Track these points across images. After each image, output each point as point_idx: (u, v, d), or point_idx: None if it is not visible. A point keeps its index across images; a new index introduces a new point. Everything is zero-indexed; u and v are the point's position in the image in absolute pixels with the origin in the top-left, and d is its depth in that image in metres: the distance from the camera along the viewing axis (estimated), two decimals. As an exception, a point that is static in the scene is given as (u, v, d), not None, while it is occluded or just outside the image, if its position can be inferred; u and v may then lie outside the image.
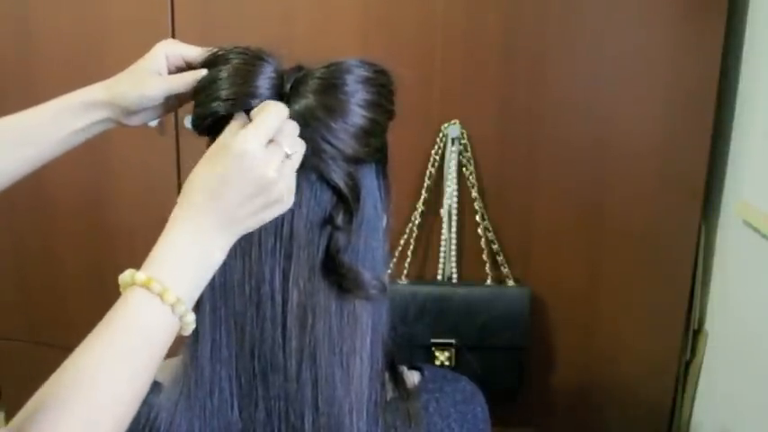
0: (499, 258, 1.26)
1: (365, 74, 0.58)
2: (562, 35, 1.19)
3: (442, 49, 1.22)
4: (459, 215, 1.26)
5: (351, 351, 0.58)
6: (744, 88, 1.17)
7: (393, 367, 0.63)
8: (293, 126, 0.55)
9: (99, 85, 0.67)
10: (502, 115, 1.23)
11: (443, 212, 1.26)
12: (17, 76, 1.41)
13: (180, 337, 0.57)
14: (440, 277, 1.29)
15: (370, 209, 0.60)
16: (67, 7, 1.35)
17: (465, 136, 1.23)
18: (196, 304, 0.53)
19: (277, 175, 0.53)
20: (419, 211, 1.26)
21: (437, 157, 1.24)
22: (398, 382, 0.62)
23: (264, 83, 0.57)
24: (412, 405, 0.61)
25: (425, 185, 1.25)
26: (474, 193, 1.24)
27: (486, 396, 0.68)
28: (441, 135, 1.24)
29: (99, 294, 1.46)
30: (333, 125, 0.56)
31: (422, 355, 1.25)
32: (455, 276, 1.28)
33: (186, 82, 0.61)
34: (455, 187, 1.25)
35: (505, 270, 1.26)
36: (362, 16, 1.23)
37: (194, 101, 0.59)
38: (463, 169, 1.24)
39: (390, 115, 0.61)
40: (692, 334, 1.27)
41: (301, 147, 0.55)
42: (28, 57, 1.40)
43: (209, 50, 0.61)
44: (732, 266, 1.18)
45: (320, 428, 0.57)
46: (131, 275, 0.49)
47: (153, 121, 0.69)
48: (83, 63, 1.36)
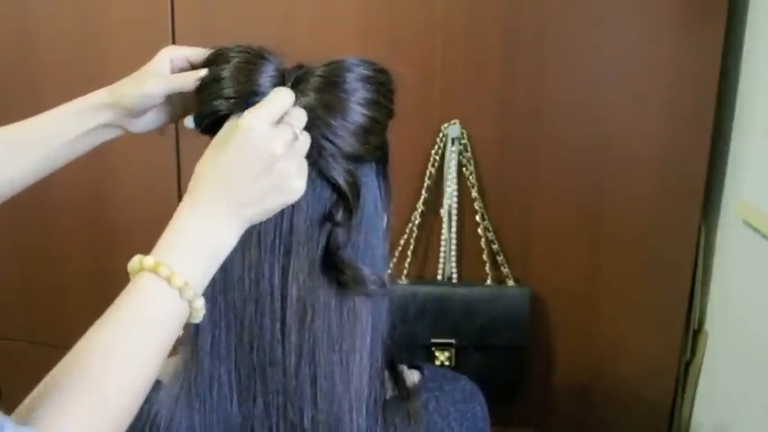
0: (499, 258, 1.26)
1: (365, 72, 0.58)
2: (562, 35, 1.19)
3: (442, 49, 1.22)
4: (459, 215, 1.26)
5: (350, 348, 0.58)
6: (744, 88, 1.17)
7: (393, 366, 0.63)
8: (302, 113, 0.55)
9: (102, 89, 0.67)
10: (502, 115, 1.23)
11: (443, 212, 1.26)
12: (17, 75, 1.41)
13: (179, 337, 0.57)
14: (440, 277, 1.29)
15: (371, 207, 0.60)
16: (67, 7, 1.35)
17: (465, 136, 1.23)
18: None
19: (284, 152, 0.53)
20: (419, 211, 1.26)
21: (437, 157, 1.25)
22: (398, 380, 0.63)
23: (266, 81, 0.57)
24: (412, 404, 0.61)
25: (425, 185, 1.25)
26: (474, 193, 1.25)
27: (486, 396, 0.68)
28: (441, 135, 1.24)
29: (100, 294, 1.46)
30: (333, 123, 0.56)
31: (422, 355, 1.25)
32: (455, 276, 1.28)
33: (187, 81, 0.61)
34: (455, 187, 1.25)
35: (505, 270, 1.26)
36: (362, 16, 1.23)
37: (197, 99, 0.60)
38: (463, 169, 1.25)
39: (390, 114, 0.61)
40: (691, 334, 1.27)
41: (307, 138, 0.55)
42: (28, 56, 1.40)
43: (216, 47, 0.61)
44: (732, 266, 1.18)
45: (319, 425, 0.57)
46: (140, 261, 0.50)
47: (157, 127, 0.69)
48: (83, 63, 1.36)
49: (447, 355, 1.25)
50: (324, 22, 1.25)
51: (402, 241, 1.27)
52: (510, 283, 1.26)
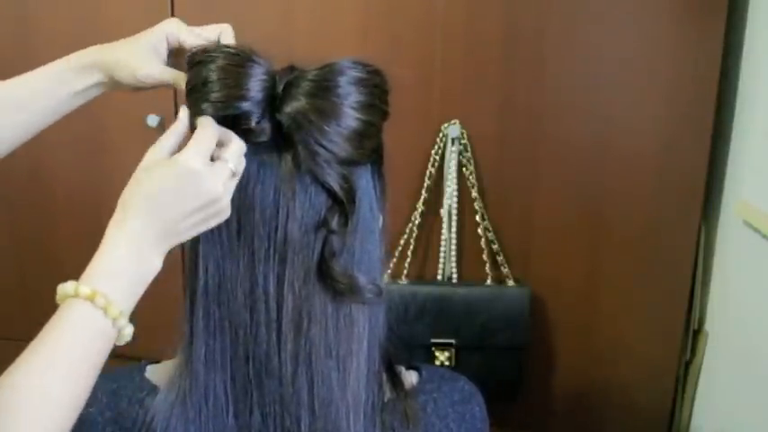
0: (499, 258, 1.26)
1: (358, 75, 0.57)
2: (562, 35, 1.19)
3: (442, 49, 1.22)
4: (459, 215, 1.26)
5: (347, 354, 0.58)
6: (744, 88, 1.16)
7: (391, 368, 0.63)
8: (240, 145, 0.55)
9: (94, 48, 0.69)
10: (502, 115, 1.23)
11: (443, 212, 1.26)
12: (17, 74, 1.41)
13: (174, 340, 0.57)
14: (440, 277, 1.29)
15: (366, 210, 0.59)
16: (67, 7, 1.35)
17: (465, 136, 1.23)
18: (189, 308, 0.53)
19: (223, 190, 0.53)
20: (419, 211, 1.26)
21: (437, 157, 1.24)
22: (396, 382, 0.62)
23: (255, 85, 0.56)
24: (410, 406, 0.60)
25: (425, 185, 1.25)
26: (474, 193, 1.24)
27: (486, 396, 0.67)
28: (441, 135, 1.24)
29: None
30: (326, 128, 0.55)
31: (422, 355, 1.25)
32: (455, 276, 1.28)
33: (177, 81, 0.61)
34: (455, 187, 1.25)
35: (505, 270, 1.26)
36: (362, 16, 1.23)
37: (187, 99, 0.59)
38: (463, 169, 1.24)
39: (385, 116, 0.60)
40: (691, 334, 1.27)
41: (242, 164, 0.56)
42: (28, 57, 1.39)
43: (201, 46, 0.60)
44: (732, 266, 1.18)
45: (317, 431, 0.57)
46: (74, 288, 0.50)
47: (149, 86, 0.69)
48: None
49: (447, 355, 1.25)
50: (324, 21, 1.25)
51: (402, 241, 1.27)
52: (510, 282, 1.26)
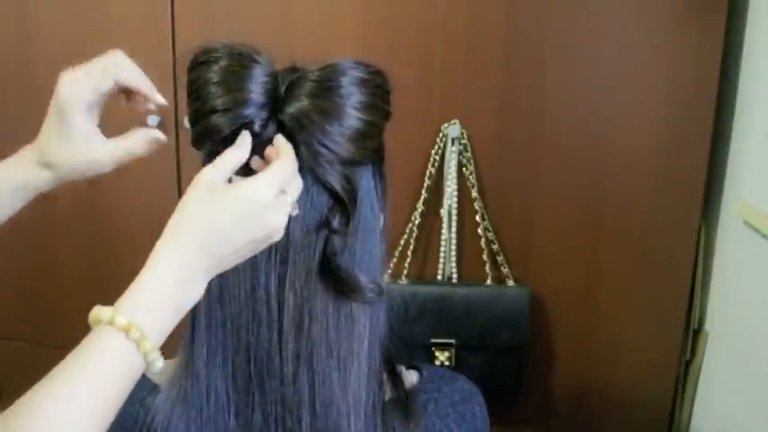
0: (499, 258, 1.26)
1: (360, 75, 0.57)
2: (562, 35, 1.19)
3: (442, 49, 1.22)
4: (459, 215, 1.26)
5: (348, 354, 0.58)
6: (744, 88, 1.16)
7: (391, 367, 0.63)
8: (300, 182, 0.55)
9: (28, 153, 0.64)
10: (502, 115, 1.23)
11: (443, 212, 1.26)
12: (17, 75, 1.41)
13: (175, 339, 0.57)
14: (440, 277, 1.29)
15: (367, 210, 0.59)
16: (67, 7, 1.35)
17: (465, 136, 1.23)
18: (192, 308, 0.53)
19: (282, 223, 0.53)
20: (419, 211, 1.26)
21: (437, 157, 1.24)
22: (397, 382, 0.62)
23: (257, 87, 0.55)
24: (410, 405, 0.60)
25: (425, 185, 1.25)
26: (474, 193, 1.24)
27: (486, 396, 0.68)
28: (441, 135, 1.24)
29: (99, 294, 1.45)
30: (328, 128, 0.55)
31: (422, 356, 1.25)
32: (455, 276, 1.28)
33: (138, 145, 0.59)
34: (455, 187, 1.25)
35: (505, 270, 1.26)
36: (362, 17, 1.23)
37: (188, 104, 0.58)
38: (463, 169, 1.24)
39: (387, 116, 0.60)
40: (691, 334, 1.27)
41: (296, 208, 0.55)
42: (28, 57, 1.40)
43: (202, 46, 0.58)
44: (732, 266, 1.18)
45: (317, 431, 0.57)
46: (111, 316, 0.47)
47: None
48: (83, 62, 1.35)
49: (447, 355, 1.25)
50: (324, 22, 1.25)
51: (402, 241, 1.27)
52: (510, 283, 1.26)
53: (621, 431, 1.32)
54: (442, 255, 1.28)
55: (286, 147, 0.55)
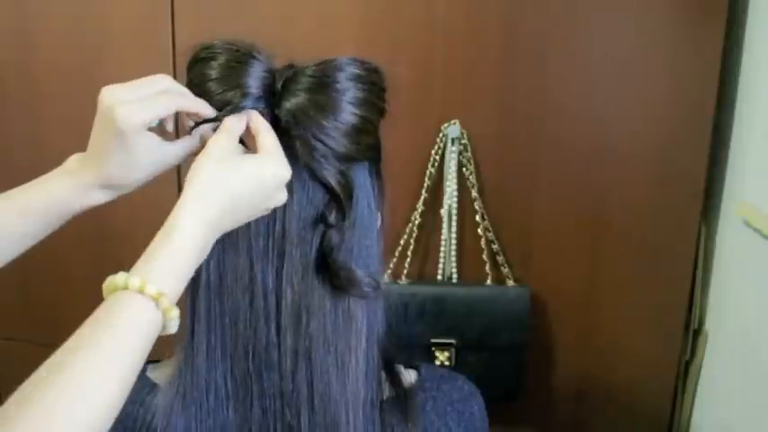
0: (499, 258, 1.26)
1: (357, 71, 0.58)
2: (562, 35, 1.19)
3: (442, 49, 1.22)
4: (459, 215, 1.26)
5: (346, 349, 0.58)
6: (744, 88, 1.16)
7: (390, 366, 0.63)
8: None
9: (81, 165, 0.64)
10: (502, 115, 1.23)
11: (443, 212, 1.26)
12: (17, 75, 1.41)
13: (175, 339, 0.57)
14: (440, 277, 1.29)
15: (364, 207, 0.60)
16: (67, 7, 1.35)
17: (465, 136, 1.23)
18: (191, 304, 0.53)
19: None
20: (419, 211, 1.26)
21: (437, 157, 1.24)
22: (395, 380, 0.62)
23: (255, 82, 0.56)
24: (409, 404, 0.61)
25: (425, 185, 1.25)
26: (474, 193, 1.24)
27: (486, 396, 0.68)
28: (441, 135, 1.24)
29: (99, 294, 1.46)
30: (324, 123, 0.56)
31: (422, 355, 1.25)
32: (455, 276, 1.28)
33: (195, 145, 0.60)
34: (455, 187, 1.25)
35: (505, 270, 1.26)
36: (362, 16, 1.23)
37: None
38: (463, 169, 1.24)
39: (382, 112, 0.61)
40: (691, 334, 1.27)
41: None
42: (28, 57, 1.40)
43: (202, 43, 0.59)
44: (732, 267, 1.18)
45: (316, 427, 0.57)
46: (141, 284, 0.48)
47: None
48: (83, 63, 1.36)
49: (447, 355, 1.25)
50: (323, 21, 1.25)
51: (402, 241, 1.27)
52: (510, 283, 1.26)
53: (621, 431, 1.32)
54: (441, 255, 1.28)
55: (264, 122, 0.56)
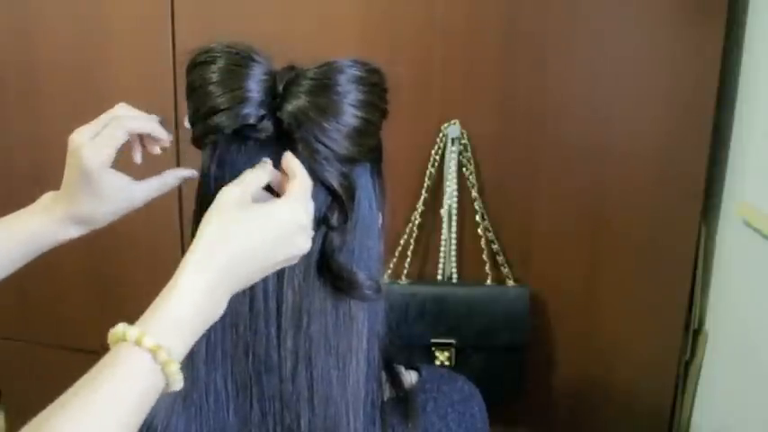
0: (499, 258, 1.26)
1: (357, 73, 0.58)
2: (562, 35, 1.19)
3: (441, 49, 1.22)
4: (459, 215, 1.26)
5: (347, 351, 0.58)
6: (744, 88, 1.16)
7: (390, 367, 0.63)
8: (312, 204, 0.56)
9: (52, 203, 0.64)
10: (502, 115, 1.23)
11: (443, 212, 1.26)
12: (17, 75, 1.41)
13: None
14: (440, 277, 1.29)
15: (365, 208, 0.60)
16: (67, 7, 1.35)
17: (465, 136, 1.23)
18: None
19: (308, 247, 0.55)
20: (419, 211, 1.26)
21: (437, 157, 1.24)
22: (396, 381, 0.62)
23: (256, 85, 0.56)
24: (409, 405, 0.61)
25: (425, 185, 1.25)
26: (474, 193, 1.24)
27: (486, 396, 0.68)
28: (441, 135, 1.24)
29: (98, 294, 1.46)
30: (326, 126, 0.55)
31: (422, 355, 1.25)
32: (455, 276, 1.28)
33: (168, 185, 0.60)
34: (455, 187, 1.25)
35: (505, 270, 1.26)
36: (362, 16, 1.23)
37: (188, 104, 0.59)
38: (463, 169, 1.24)
39: (384, 114, 0.61)
40: (691, 334, 1.27)
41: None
42: (28, 56, 1.40)
43: (202, 47, 0.59)
44: (732, 267, 1.18)
45: (316, 429, 0.57)
46: (139, 336, 0.46)
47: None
48: (83, 62, 1.36)
49: (447, 355, 1.25)
50: (323, 21, 1.25)
51: (402, 241, 1.27)
52: (510, 283, 1.26)
53: (621, 431, 1.33)
54: (442, 255, 1.28)
55: (299, 166, 0.55)
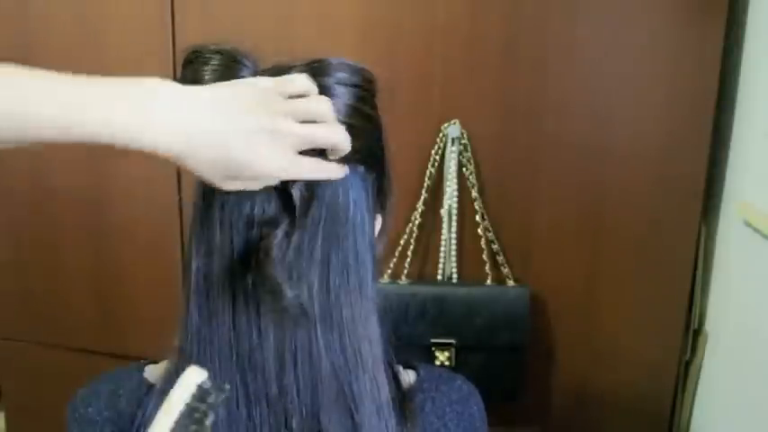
0: (499, 258, 1.26)
1: (344, 76, 0.57)
2: (562, 35, 1.19)
3: (442, 48, 1.22)
4: (459, 215, 1.26)
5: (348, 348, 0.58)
6: (744, 88, 1.16)
7: (389, 367, 0.63)
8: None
9: None
10: (502, 115, 1.23)
11: (443, 212, 1.26)
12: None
13: (172, 341, 0.57)
14: (440, 277, 1.29)
15: (356, 214, 0.58)
16: (67, 6, 1.35)
17: (465, 136, 1.23)
18: (185, 306, 0.53)
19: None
20: (419, 211, 1.26)
21: (437, 157, 1.24)
22: (394, 381, 0.62)
23: None
24: (408, 405, 0.60)
25: (425, 185, 1.25)
26: (474, 193, 1.24)
27: (486, 396, 0.68)
28: (441, 135, 1.24)
29: (99, 294, 1.46)
30: None
31: (422, 355, 1.25)
32: (455, 276, 1.28)
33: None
34: (455, 187, 1.25)
35: (505, 270, 1.26)
36: (362, 16, 1.23)
37: None
38: (463, 169, 1.24)
39: (370, 119, 0.59)
40: (691, 334, 1.27)
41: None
42: (28, 56, 1.39)
43: (192, 45, 0.59)
44: (732, 267, 1.18)
45: (304, 430, 0.57)
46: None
47: None
48: (83, 62, 1.35)
49: (447, 355, 1.25)
50: (323, 21, 1.25)
51: (402, 241, 1.27)
52: (510, 283, 1.26)
53: (621, 431, 1.32)
54: (442, 255, 1.28)
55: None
